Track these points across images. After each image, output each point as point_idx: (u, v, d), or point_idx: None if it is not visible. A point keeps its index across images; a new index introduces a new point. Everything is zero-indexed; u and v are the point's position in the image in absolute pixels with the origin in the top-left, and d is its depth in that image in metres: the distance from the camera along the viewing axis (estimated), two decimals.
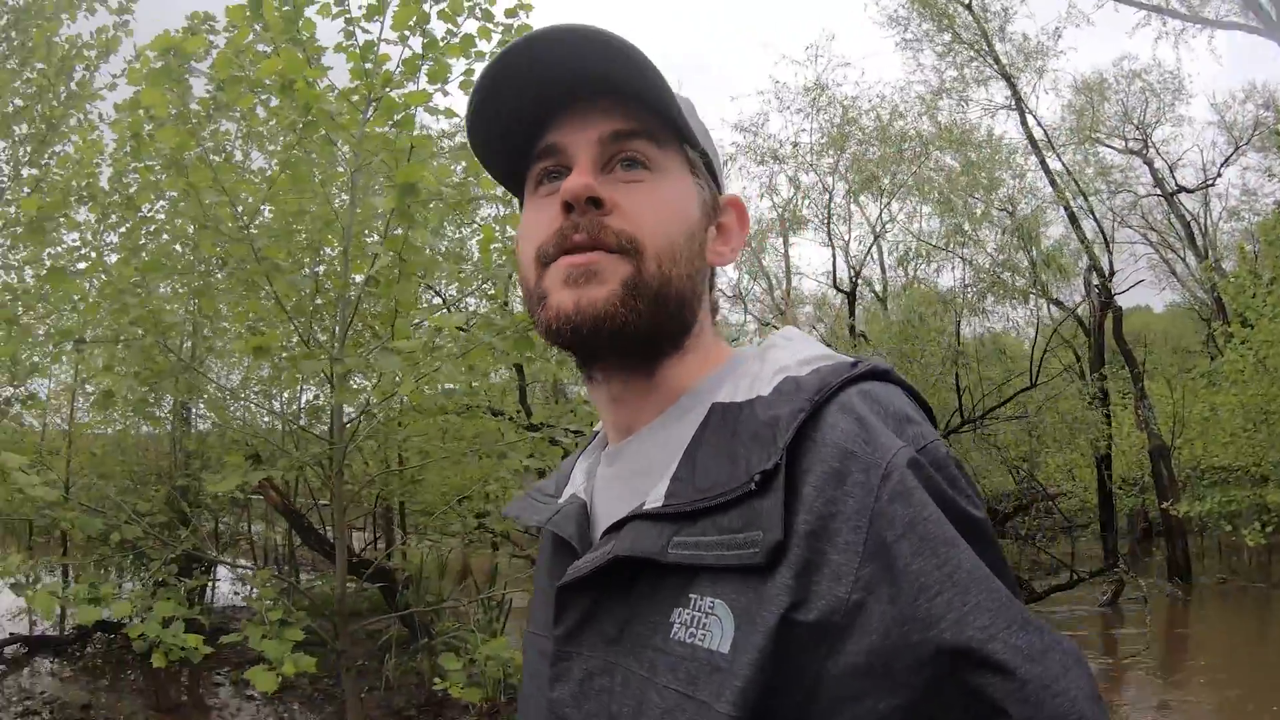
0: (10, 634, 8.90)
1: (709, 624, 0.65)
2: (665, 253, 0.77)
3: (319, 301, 3.64)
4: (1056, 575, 12.61)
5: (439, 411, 3.84)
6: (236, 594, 11.45)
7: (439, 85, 3.85)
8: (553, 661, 0.75)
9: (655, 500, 0.71)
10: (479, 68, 3.98)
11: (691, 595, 0.66)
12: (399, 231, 3.24)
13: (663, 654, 0.67)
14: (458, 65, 3.93)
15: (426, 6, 3.90)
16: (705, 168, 0.84)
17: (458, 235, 7.46)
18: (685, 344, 0.81)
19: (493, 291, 4.57)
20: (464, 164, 4.23)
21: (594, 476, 0.87)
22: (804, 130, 16.12)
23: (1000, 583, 0.61)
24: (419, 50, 3.92)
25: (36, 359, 6.59)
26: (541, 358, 3.92)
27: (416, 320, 3.57)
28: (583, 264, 0.75)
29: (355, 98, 3.76)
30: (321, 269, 4.05)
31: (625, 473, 0.81)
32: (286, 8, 3.94)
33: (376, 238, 3.68)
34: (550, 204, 0.78)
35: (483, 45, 4.03)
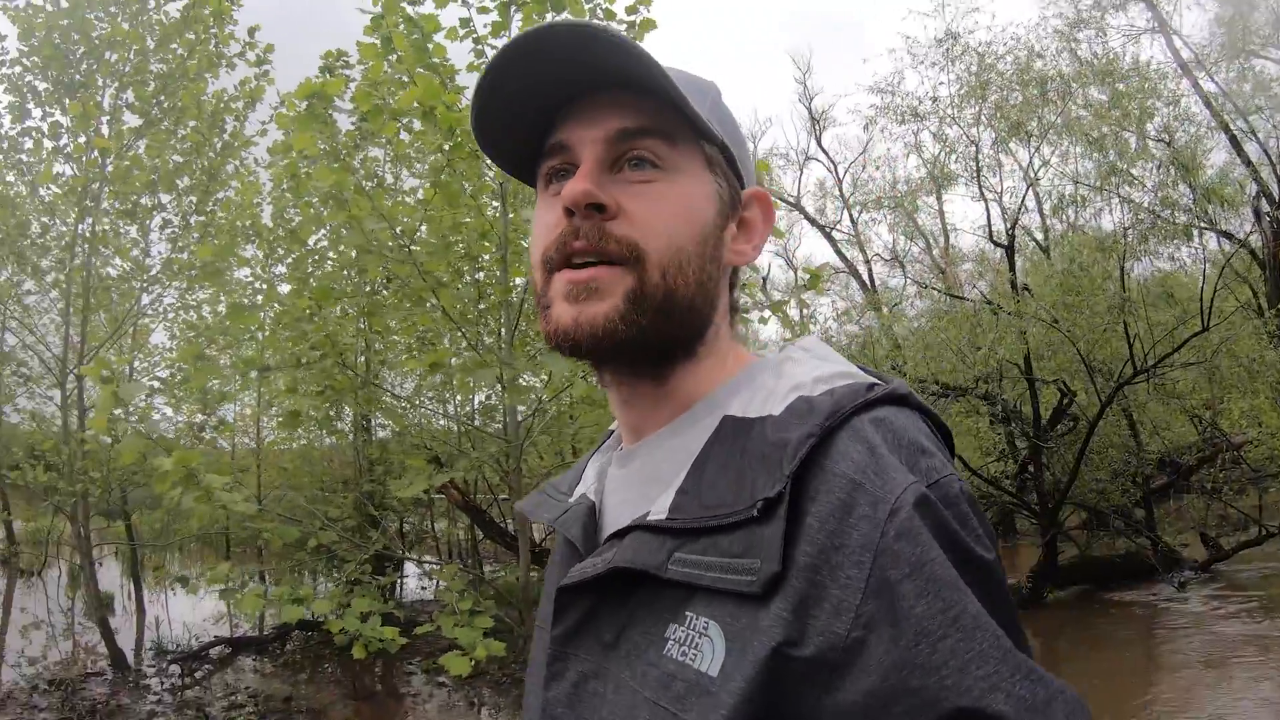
0: (215, 636, 9.78)
1: (701, 644, 0.64)
2: (670, 261, 0.74)
3: (482, 306, 3.82)
4: (1245, 531, 11.69)
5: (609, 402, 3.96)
6: (423, 589, 12.16)
7: None
8: (549, 661, 0.76)
9: (659, 512, 0.71)
10: None
11: (688, 613, 0.66)
12: None
13: (654, 668, 0.66)
14: None
15: (549, 18, 4.00)
16: (726, 161, 0.81)
17: None
18: (698, 350, 0.79)
19: None
20: None
21: (605, 477, 0.86)
22: (941, 83, 15.63)
23: (1004, 630, 0.59)
24: None
25: (226, 388, 7.22)
26: None
27: None
28: (583, 281, 0.73)
29: None
30: (480, 275, 4.23)
31: (635, 478, 0.80)
32: (415, 36, 4.12)
33: None
34: (557, 203, 0.76)
35: None
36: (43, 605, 12.05)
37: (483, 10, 4.09)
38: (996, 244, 12.39)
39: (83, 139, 7.74)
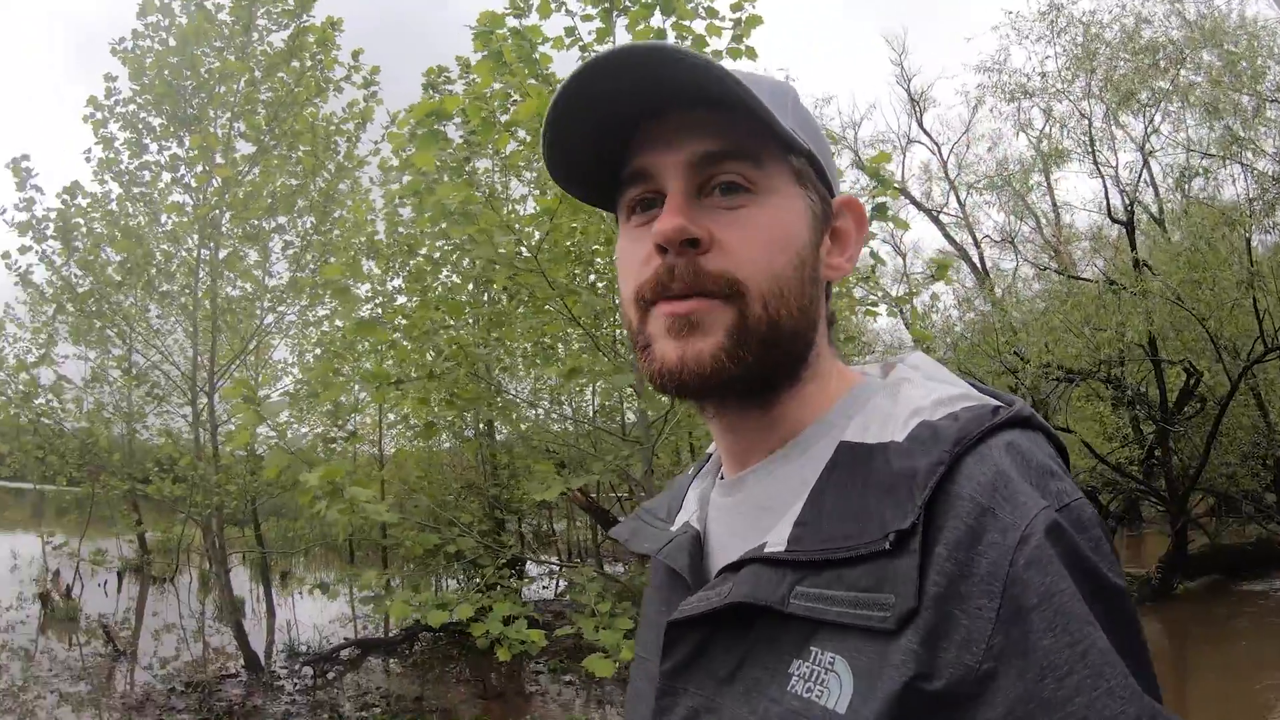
0: (344, 638, 10.14)
1: (828, 680, 0.62)
2: (772, 292, 0.72)
3: (598, 309, 3.85)
4: None
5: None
6: (544, 588, 12.36)
7: None
8: (658, 695, 0.74)
9: (778, 543, 0.68)
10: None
11: (813, 648, 0.64)
12: None
13: (777, 704, 0.64)
14: None
15: (655, 21, 4.01)
16: (814, 172, 0.78)
17: None
18: (803, 374, 0.77)
19: None
20: None
21: (708, 504, 0.84)
22: (1047, 58, 15.25)
23: (1133, 663, 0.57)
24: None
25: (356, 400, 7.48)
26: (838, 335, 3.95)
27: None
28: (684, 312, 0.71)
29: None
30: (593, 278, 4.28)
31: (744, 507, 0.78)
32: (523, 46, 4.15)
33: None
34: (645, 235, 0.73)
35: (715, 43, 4.08)
36: (174, 610, 12.64)
37: (586, 18, 4.11)
38: (1115, 220, 11.92)
39: (201, 169, 8.13)
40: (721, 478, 0.84)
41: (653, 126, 0.75)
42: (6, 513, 20.85)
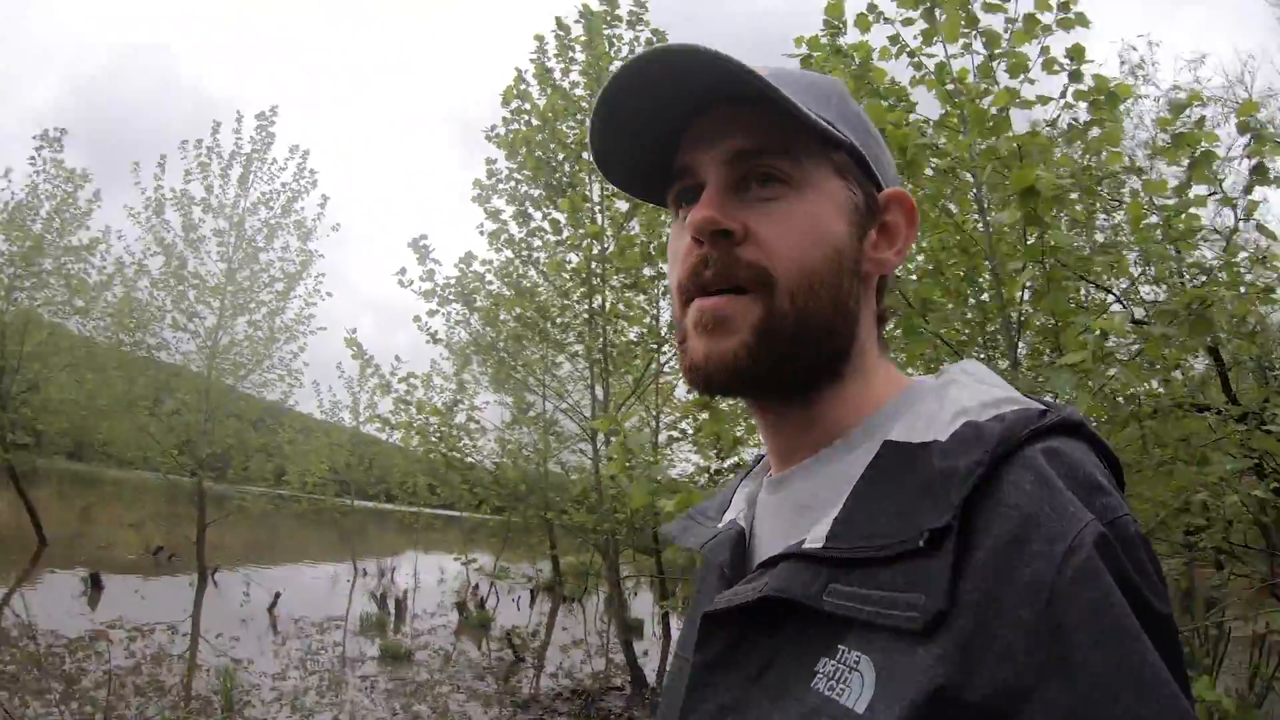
0: None
1: (850, 679, 0.61)
2: (800, 285, 0.72)
3: (990, 329, 3.63)
4: None
5: (1130, 419, 3.46)
6: None
7: (1022, 78, 3.70)
8: (689, 689, 0.73)
9: (815, 540, 0.67)
10: (1052, 43, 3.71)
11: (840, 647, 0.62)
12: (1031, 240, 3.12)
13: (799, 704, 0.63)
14: (1032, 49, 3.73)
15: (974, 7, 3.76)
16: (857, 165, 0.77)
17: (1113, 221, 6.39)
18: (843, 370, 0.76)
19: (1155, 274, 3.97)
20: (1081, 145, 3.92)
21: (755, 503, 0.84)
22: None
23: (1180, 690, 0.53)
24: (984, 52, 3.80)
25: (736, 433, 7.81)
26: (1233, 335, 3.32)
27: (1083, 325, 3.30)
28: (710, 309, 0.72)
29: (954, 120, 3.76)
30: (985, 296, 4.05)
31: (787, 504, 0.77)
32: (853, 66, 4.06)
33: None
34: (687, 231, 0.75)
35: (1045, 18, 3.73)
36: (581, 627, 14.02)
37: (907, 22, 3.95)
38: None
39: (579, 230, 9.08)
40: (770, 476, 0.83)
41: (698, 123, 0.77)
42: (434, 534, 24.54)
